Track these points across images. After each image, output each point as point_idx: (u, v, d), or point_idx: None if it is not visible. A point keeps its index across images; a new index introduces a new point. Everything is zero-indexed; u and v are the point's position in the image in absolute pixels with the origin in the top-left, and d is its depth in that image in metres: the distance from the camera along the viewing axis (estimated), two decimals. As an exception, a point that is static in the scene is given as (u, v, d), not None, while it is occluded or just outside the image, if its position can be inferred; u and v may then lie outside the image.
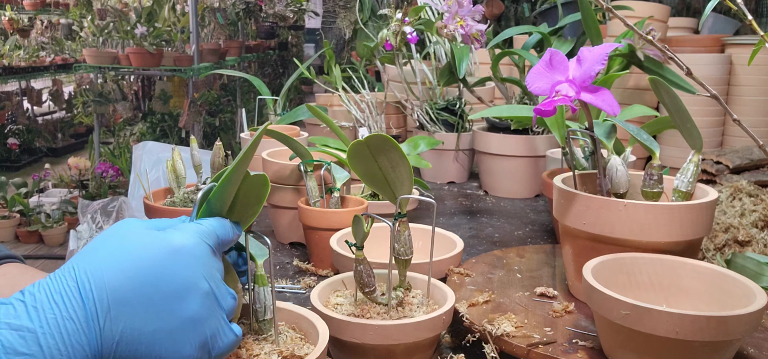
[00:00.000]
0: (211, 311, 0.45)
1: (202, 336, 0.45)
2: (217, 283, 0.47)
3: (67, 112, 6.55)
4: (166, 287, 0.43)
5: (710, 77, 1.42)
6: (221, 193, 0.50)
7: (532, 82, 0.72)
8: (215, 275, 0.47)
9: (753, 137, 0.72)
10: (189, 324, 0.43)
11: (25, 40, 5.87)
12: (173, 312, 0.43)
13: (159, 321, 0.42)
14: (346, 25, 4.79)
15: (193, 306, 0.44)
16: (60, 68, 5.91)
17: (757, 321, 0.57)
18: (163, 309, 0.42)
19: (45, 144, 5.90)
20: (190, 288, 0.44)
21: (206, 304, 0.45)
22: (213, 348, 0.46)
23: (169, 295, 0.43)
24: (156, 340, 0.42)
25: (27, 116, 6.03)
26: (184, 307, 0.43)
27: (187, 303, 0.44)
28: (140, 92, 5.08)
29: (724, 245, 0.90)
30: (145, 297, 0.42)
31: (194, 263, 0.45)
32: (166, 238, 0.45)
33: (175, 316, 0.43)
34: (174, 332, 0.43)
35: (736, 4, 0.71)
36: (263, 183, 0.53)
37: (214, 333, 0.46)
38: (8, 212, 3.96)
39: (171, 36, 4.01)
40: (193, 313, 0.44)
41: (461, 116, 1.52)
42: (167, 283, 0.43)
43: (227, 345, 0.47)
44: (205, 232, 0.48)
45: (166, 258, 0.43)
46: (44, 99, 6.48)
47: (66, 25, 6.48)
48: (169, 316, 0.43)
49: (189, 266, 0.44)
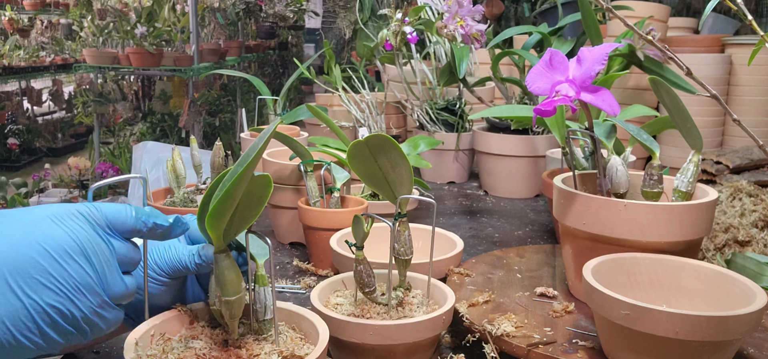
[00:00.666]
0: (94, 303, 0.45)
1: (78, 324, 0.44)
2: (102, 268, 0.45)
3: (67, 112, 6.55)
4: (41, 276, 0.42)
5: (710, 77, 1.42)
6: (224, 200, 0.50)
7: (532, 82, 0.72)
8: (99, 262, 0.45)
9: (753, 137, 0.72)
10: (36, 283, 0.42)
11: (25, 40, 5.87)
12: (57, 311, 0.43)
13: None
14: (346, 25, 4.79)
15: (82, 303, 0.44)
16: (60, 68, 5.91)
17: (757, 321, 0.57)
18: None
19: (45, 144, 5.90)
20: (76, 289, 0.44)
21: (91, 297, 0.44)
22: (90, 332, 0.45)
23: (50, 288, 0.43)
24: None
25: (27, 116, 6.03)
26: (71, 306, 0.43)
27: (77, 302, 0.43)
28: (140, 91, 5.08)
29: (724, 245, 0.90)
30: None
31: (81, 255, 0.44)
32: (68, 225, 0.44)
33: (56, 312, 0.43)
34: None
35: (736, 4, 0.71)
36: (266, 184, 0.53)
37: (93, 320, 0.45)
38: (8, 212, 3.95)
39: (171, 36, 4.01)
40: (80, 310, 0.43)
41: (461, 116, 1.52)
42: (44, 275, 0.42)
43: (102, 328, 0.46)
44: (98, 215, 0.47)
45: (53, 247, 0.43)
46: (44, 99, 6.48)
47: (66, 25, 6.48)
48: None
49: (75, 258, 0.43)
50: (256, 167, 0.51)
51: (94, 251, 0.45)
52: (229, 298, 0.54)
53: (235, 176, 0.49)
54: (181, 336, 0.58)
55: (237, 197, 0.52)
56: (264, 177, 0.52)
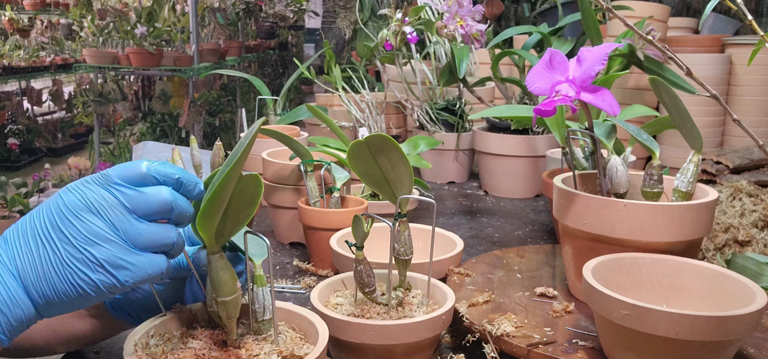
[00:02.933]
0: (113, 250, 0.49)
1: (105, 267, 0.48)
2: (119, 219, 0.49)
3: (67, 112, 6.55)
4: (67, 235, 0.48)
5: (710, 77, 1.42)
6: (213, 201, 0.50)
7: (532, 82, 0.72)
8: (112, 214, 0.49)
9: (753, 137, 0.72)
10: (84, 239, 0.48)
11: (25, 40, 5.87)
12: (82, 259, 0.48)
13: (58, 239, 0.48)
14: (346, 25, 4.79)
15: (99, 252, 0.48)
16: (60, 68, 5.90)
17: (757, 321, 0.57)
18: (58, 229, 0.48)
19: (45, 144, 5.89)
20: (89, 240, 0.48)
21: (108, 246, 0.48)
22: (120, 275, 0.49)
23: (73, 243, 0.48)
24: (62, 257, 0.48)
25: (27, 116, 6.03)
26: (90, 255, 0.48)
27: (93, 251, 0.48)
28: (140, 91, 5.08)
29: (724, 245, 0.90)
30: (42, 224, 0.49)
31: (90, 212, 0.49)
32: (77, 191, 0.50)
33: (83, 263, 0.48)
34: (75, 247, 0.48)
35: (736, 4, 0.71)
36: (257, 183, 0.53)
37: (118, 264, 0.49)
38: (8, 212, 3.95)
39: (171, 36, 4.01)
40: (100, 256, 0.48)
41: (461, 116, 1.52)
42: (68, 232, 0.48)
43: (137, 274, 0.49)
44: (107, 176, 0.51)
45: (68, 210, 0.49)
46: (44, 99, 6.48)
47: (66, 25, 6.48)
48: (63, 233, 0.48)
49: (85, 216, 0.49)
50: (243, 167, 0.51)
51: (103, 207, 0.49)
52: (224, 299, 0.54)
53: (222, 177, 0.49)
54: (180, 336, 0.58)
55: (226, 198, 0.52)
56: (253, 177, 0.52)
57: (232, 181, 0.51)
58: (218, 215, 0.52)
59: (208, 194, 0.50)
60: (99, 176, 0.50)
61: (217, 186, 0.49)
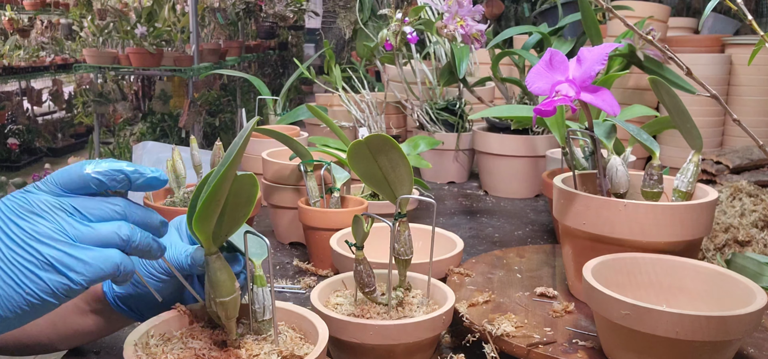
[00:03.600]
0: (60, 249, 0.47)
1: (54, 265, 0.46)
2: (63, 220, 0.48)
3: (67, 112, 6.55)
4: (12, 237, 0.47)
5: (710, 77, 1.42)
6: (209, 202, 0.50)
7: (532, 82, 0.72)
8: (56, 216, 0.48)
9: (753, 137, 0.72)
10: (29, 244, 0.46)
11: (25, 40, 5.87)
12: (29, 259, 0.46)
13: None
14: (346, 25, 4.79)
15: (45, 251, 0.47)
16: (60, 68, 5.90)
17: (757, 321, 0.57)
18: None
19: (45, 144, 5.89)
20: (35, 238, 0.47)
21: (54, 245, 0.47)
22: (71, 274, 0.47)
23: (19, 244, 0.47)
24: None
25: (27, 116, 6.03)
26: (37, 253, 0.46)
27: (40, 249, 0.46)
28: (140, 91, 5.08)
29: (724, 245, 0.90)
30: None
31: (33, 214, 0.47)
32: (19, 197, 0.49)
33: (31, 262, 0.46)
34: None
35: (736, 4, 0.71)
36: (253, 183, 0.53)
37: (67, 262, 0.47)
38: (8, 212, 3.95)
39: (171, 36, 4.01)
40: (48, 254, 0.47)
41: (461, 116, 1.52)
42: (13, 234, 0.47)
43: (87, 270, 0.48)
44: (47, 182, 0.50)
45: (12, 213, 0.47)
46: (44, 99, 6.48)
47: (66, 25, 6.48)
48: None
49: (29, 217, 0.47)
50: (238, 166, 0.51)
51: (46, 208, 0.47)
52: (222, 299, 0.54)
53: (218, 177, 0.49)
54: (180, 336, 0.58)
55: (222, 198, 0.52)
56: (249, 176, 0.52)
57: (227, 181, 0.50)
58: (214, 216, 0.52)
59: (203, 196, 0.50)
60: (40, 182, 0.49)
61: (212, 187, 0.49)
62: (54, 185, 0.49)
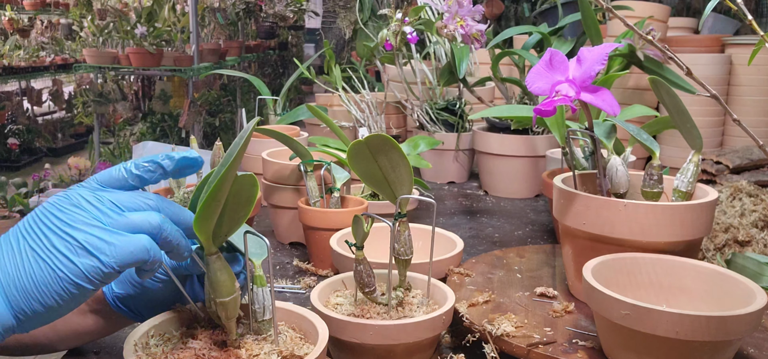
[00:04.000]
0: (94, 232, 0.49)
1: (87, 248, 0.48)
2: (100, 211, 0.50)
3: (67, 112, 6.55)
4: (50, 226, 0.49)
5: (710, 77, 1.42)
6: (210, 203, 0.50)
7: (532, 82, 0.72)
8: (93, 207, 0.50)
9: (753, 137, 0.72)
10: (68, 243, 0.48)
11: (25, 40, 5.87)
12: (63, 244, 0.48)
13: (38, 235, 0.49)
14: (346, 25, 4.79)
15: (80, 235, 0.48)
16: (60, 68, 5.90)
17: (757, 321, 0.57)
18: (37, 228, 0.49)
19: (45, 144, 5.90)
20: (71, 226, 0.49)
21: (89, 229, 0.49)
22: (102, 256, 0.48)
23: (56, 232, 0.48)
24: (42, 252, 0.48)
25: (27, 116, 6.03)
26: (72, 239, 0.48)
27: (75, 235, 0.48)
28: (140, 91, 5.08)
29: (724, 245, 0.90)
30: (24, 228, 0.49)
31: (73, 206, 0.50)
32: (62, 193, 0.51)
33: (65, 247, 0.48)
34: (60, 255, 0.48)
35: (736, 4, 0.71)
36: (252, 183, 0.53)
37: (99, 246, 0.49)
38: (8, 212, 3.95)
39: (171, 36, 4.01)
40: (82, 238, 0.48)
41: (461, 116, 1.52)
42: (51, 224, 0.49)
43: (119, 252, 0.49)
44: (89, 180, 0.53)
45: (52, 207, 0.50)
46: (44, 99, 6.48)
47: (66, 25, 6.48)
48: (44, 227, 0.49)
49: (68, 209, 0.49)
50: (238, 167, 0.51)
51: (84, 200, 0.50)
52: (223, 299, 0.54)
53: (218, 178, 0.49)
54: (180, 336, 0.58)
55: (222, 199, 0.52)
56: (249, 176, 0.53)
57: (227, 182, 0.51)
58: (215, 216, 0.52)
59: (204, 196, 0.50)
60: (82, 182, 0.52)
61: (213, 187, 0.49)
62: (94, 182, 0.52)
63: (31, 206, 3.94)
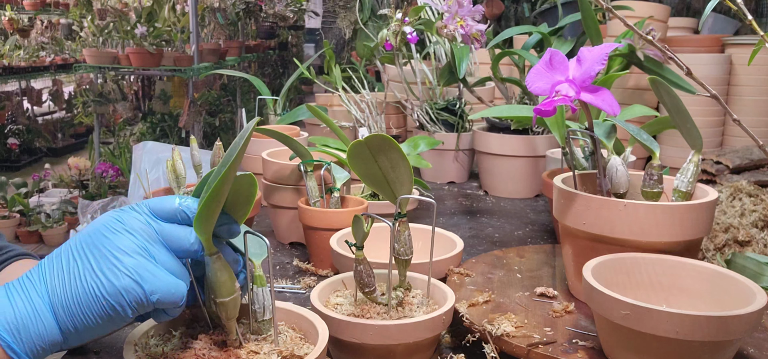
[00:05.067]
0: (140, 261, 0.50)
1: (134, 272, 0.50)
2: (148, 242, 0.52)
3: (67, 112, 6.55)
4: (91, 237, 0.51)
5: (710, 77, 1.42)
6: (210, 202, 0.50)
7: (532, 82, 0.72)
8: (143, 236, 0.52)
9: (753, 137, 0.72)
10: (114, 256, 0.50)
11: (25, 40, 5.87)
12: (109, 268, 0.50)
13: (88, 265, 0.50)
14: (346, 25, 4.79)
15: (115, 242, 0.51)
16: (60, 68, 5.90)
17: (757, 321, 0.57)
18: (89, 253, 0.50)
19: (45, 144, 5.90)
20: (109, 230, 0.51)
21: (136, 257, 0.50)
22: (145, 285, 0.50)
23: (93, 242, 0.51)
24: (91, 280, 0.50)
25: (27, 116, 6.03)
26: (107, 245, 0.50)
27: (122, 259, 0.50)
28: (140, 91, 5.08)
29: (724, 245, 0.90)
30: (75, 250, 0.51)
31: (124, 231, 0.51)
32: (115, 214, 0.53)
33: (110, 271, 0.50)
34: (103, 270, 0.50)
35: (736, 4, 0.71)
36: (251, 183, 0.53)
37: (149, 274, 0.50)
38: (8, 212, 3.96)
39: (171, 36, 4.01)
40: (116, 248, 0.50)
41: (461, 116, 1.52)
42: (93, 236, 0.51)
43: (166, 290, 0.51)
44: (142, 207, 0.54)
45: (104, 228, 0.51)
46: (44, 99, 6.48)
47: (66, 25, 6.48)
48: (94, 257, 0.50)
49: (119, 233, 0.51)
50: (238, 167, 0.51)
51: (136, 227, 0.52)
52: (223, 300, 0.54)
53: (219, 178, 0.49)
54: (180, 336, 0.58)
55: (222, 199, 0.52)
56: (248, 176, 0.53)
57: (228, 182, 0.51)
58: (215, 216, 0.52)
59: (204, 196, 0.50)
60: (135, 205, 0.54)
61: (213, 188, 0.49)
62: (147, 210, 0.53)
63: (31, 206, 3.95)
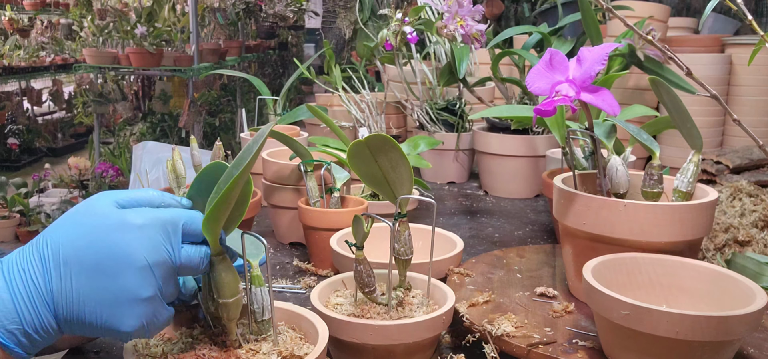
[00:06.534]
0: (152, 289, 0.49)
1: (143, 312, 0.49)
2: (160, 265, 0.50)
3: (67, 112, 6.55)
4: (104, 256, 0.47)
5: (710, 77, 1.42)
6: (220, 204, 0.50)
7: (532, 82, 0.72)
8: (162, 257, 0.50)
9: (753, 137, 0.72)
10: (128, 296, 0.48)
11: (25, 40, 5.87)
12: (111, 280, 0.47)
13: (99, 287, 0.47)
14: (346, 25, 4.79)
15: (130, 279, 0.48)
16: (60, 68, 5.90)
17: (757, 321, 0.57)
18: (102, 276, 0.47)
19: (45, 144, 5.90)
20: (128, 262, 0.48)
21: (145, 280, 0.49)
22: (151, 325, 0.50)
23: (106, 265, 0.47)
24: (99, 306, 0.47)
25: (27, 116, 6.03)
26: (122, 278, 0.48)
27: (125, 276, 0.48)
28: (140, 91, 5.08)
29: (724, 245, 0.90)
30: (86, 262, 0.47)
31: (137, 241, 0.48)
32: (119, 215, 0.49)
33: (113, 284, 0.47)
34: (115, 302, 0.48)
35: (736, 4, 0.71)
36: (247, 182, 0.53)
37: (154, 311, 0.50)
38: (8, 212, 3.96)
39: (171, 36, 4.01)
40: (132, 286, 0.48)
41: (461, 116, 1.52)
42: (106, 253, 0.48)
43: (162, 323, 0.51)
44: (166, 219, 0.51)
45: (110, 231, 0.48)
46: (44, 99, 6.48)
47: (66, 25, 6.48)
48: (107, 283, 0.47)
49: (130, 242, 0.48)
50: (250, 170, 0.51)
51: (159, 262, 0.50)
52: (226, 300, 0.54)
53: (232, 180, 0.49)
54: (180, 336, 0.58)
55: (233, 201, 0.52)
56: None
57: (240, 185, 0.51)
58: (224, 217, 0.52)
59: (215, 198, 0.50)
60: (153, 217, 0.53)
61: (225, 190, 0.49)
62: (174, 229, 0.52)
63: (31, 206, 3.94)
